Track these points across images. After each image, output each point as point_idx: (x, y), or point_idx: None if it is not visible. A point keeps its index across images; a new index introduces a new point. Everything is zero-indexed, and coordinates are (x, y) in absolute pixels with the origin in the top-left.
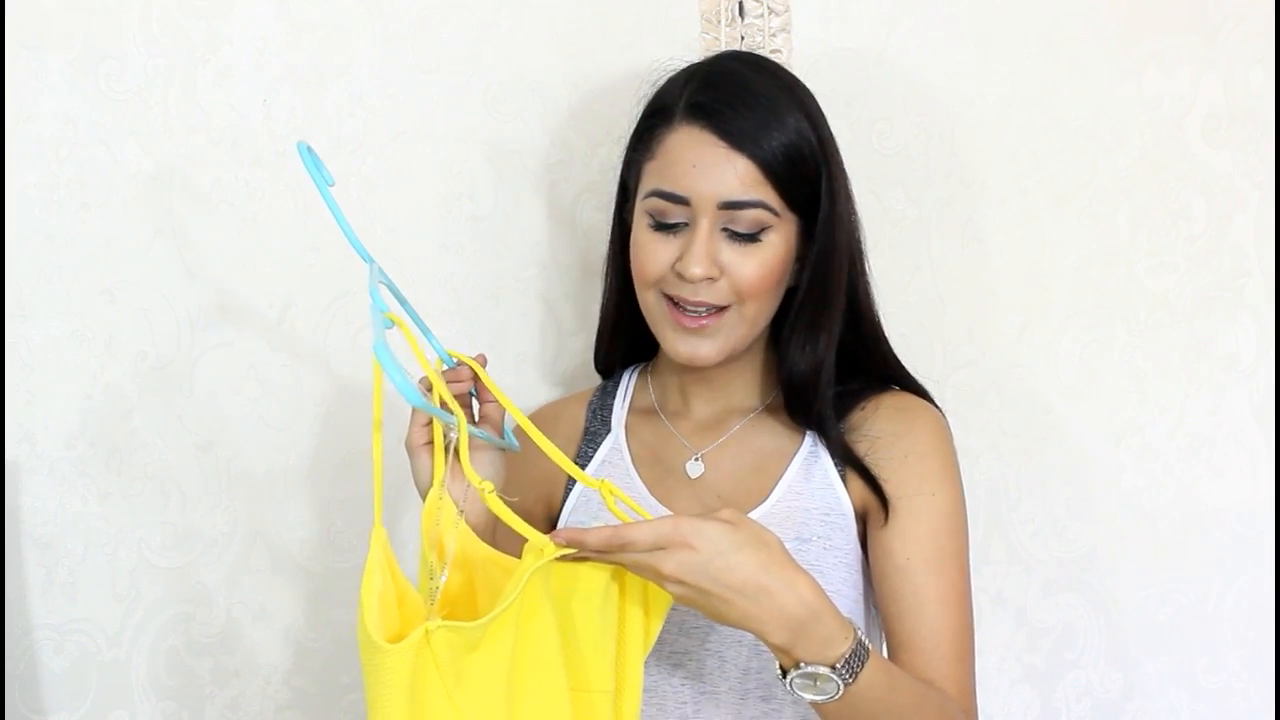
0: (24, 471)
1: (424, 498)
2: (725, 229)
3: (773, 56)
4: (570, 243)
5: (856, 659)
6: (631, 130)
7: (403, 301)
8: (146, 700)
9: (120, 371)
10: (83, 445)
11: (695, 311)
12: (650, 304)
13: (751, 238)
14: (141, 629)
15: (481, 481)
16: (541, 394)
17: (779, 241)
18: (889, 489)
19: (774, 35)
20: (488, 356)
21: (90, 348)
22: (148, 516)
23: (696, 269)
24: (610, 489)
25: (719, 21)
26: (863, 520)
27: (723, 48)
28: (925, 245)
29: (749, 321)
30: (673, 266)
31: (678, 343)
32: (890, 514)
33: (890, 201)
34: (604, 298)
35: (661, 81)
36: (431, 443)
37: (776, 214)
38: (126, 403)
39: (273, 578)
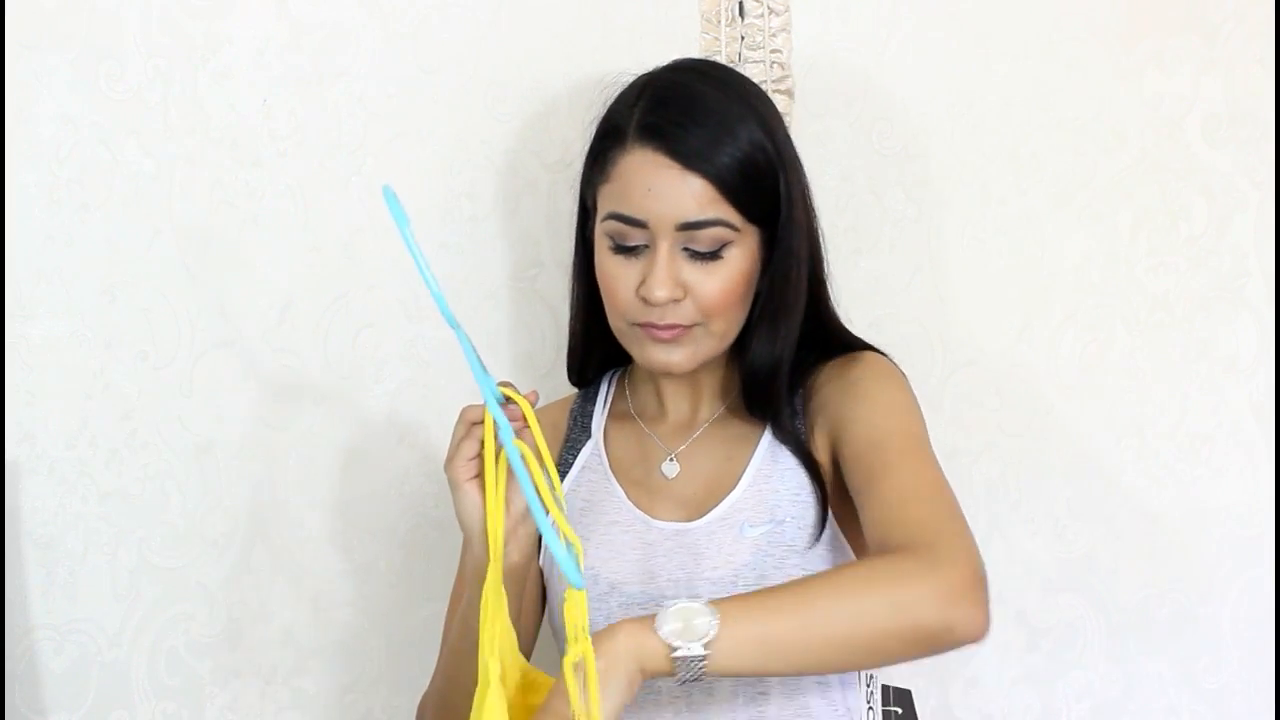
0: (24, 471)
1: (472, 533)
2: (686, 249)
3: (772, 56)
4: (570, 243)
5: (689, 601)
6: (587, 147)
7: (465, 342)
8: (146, 700)
9: (120, 371)
10: (83, 445)
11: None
12: (620, 327)
13: (713, 255)
14: (141, 629)
15: (576, 539)
16: (542, 394)
17: (741, 255)
18: (835, 419)
19: (774, 35)
20: (490, 358)
21: (90, 348)
22: (148, 516)
23: (660, 292)
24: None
25: (719, 21)
26: (838, 487)
27: (723, 48)
28: (925, 245)
29: (717, 336)
30: (637, 290)
31: (653, 358)
32: (841, 434)
33: (890, 201)
34: (571, 313)
35: (612, 98)
36: (479, 476)
37: (736, 229)
38: (126, 403)
39: (273, 578)
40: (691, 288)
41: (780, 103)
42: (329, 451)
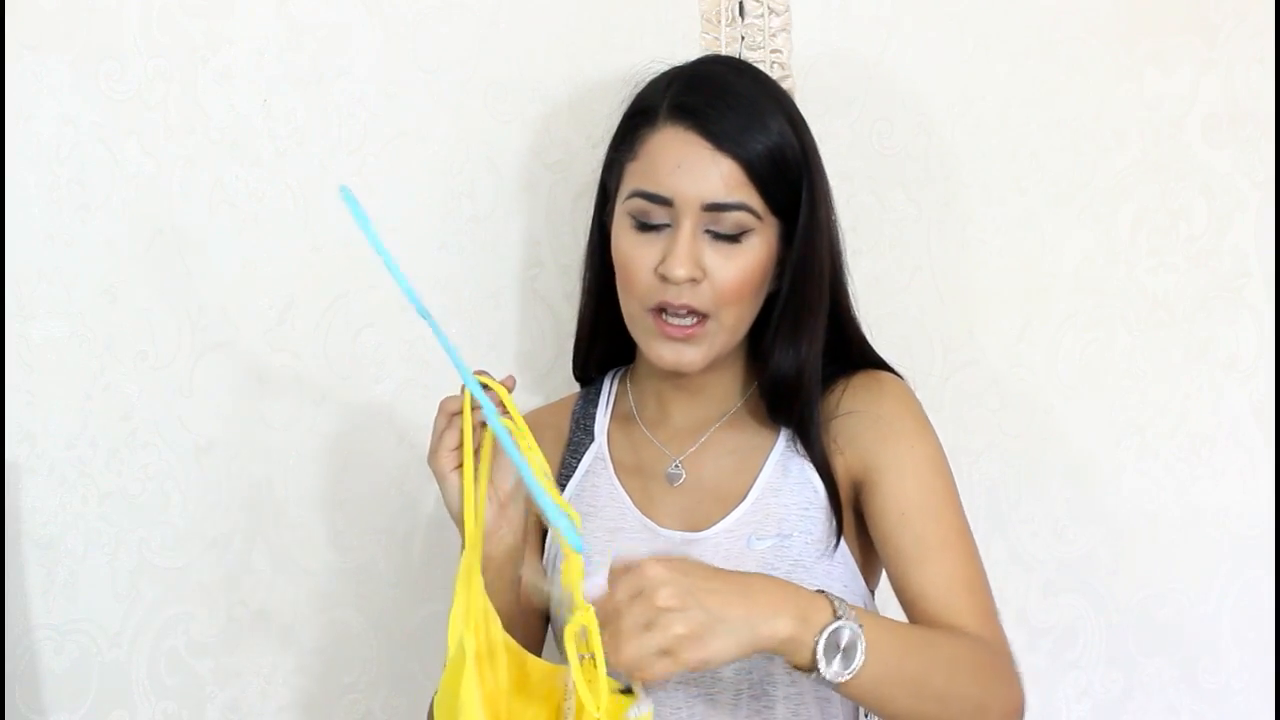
0: (24, 471)
1: (460, 523)
2: (708, 231)
3: (772, 56)
4: (570, 243)
5: (845, 606)
6: (613, 132)
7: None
8: (146, 700)
9: (120, 371)
10: (83, 445)
11: (679, 318)
12: (634, 312)
13: (733, 239)
14: (141, 629)
15: (572, 510)
16: (542, 394)
17: (760, 245)
18: (868, 454)
19: (774, 35)
20: (490, 358)
21: (90, 348)
22: (148, 516)
23: (680, 270)
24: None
25: (719, 21)
26: (853, 508)
27: (723, 48)
28: (925, 245)
29: (729, 329)
30: (656, 269)
31: (662, 350)
32: (874, 481)
33: (890, 201)
34: (582, 301)
35: (643, 84)
36: (462, 466)
37: (759, 217)
38: (126, 403)
39: (273, 578)
40: (710, 271)
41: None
42: (329, 451)
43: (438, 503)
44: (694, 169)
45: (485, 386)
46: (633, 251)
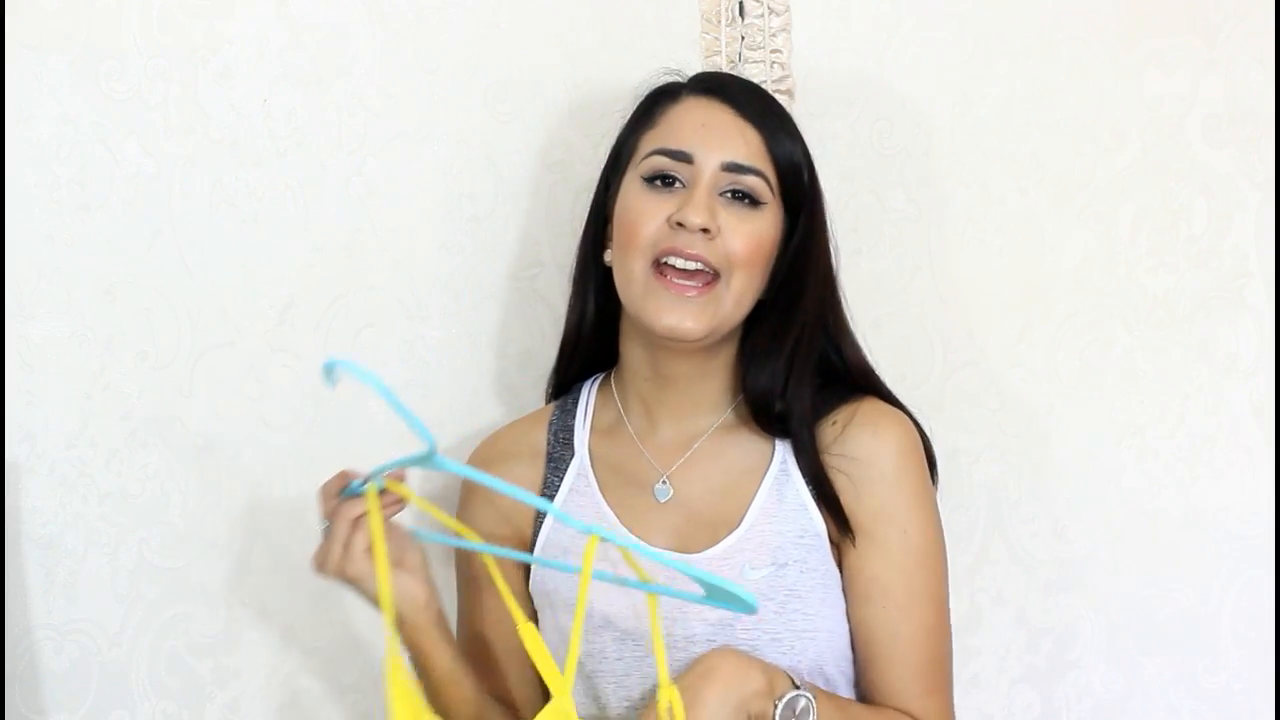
0: (24, 471)
1: (414, 612)
2: (723, 194)
3: (772, 56)
4: (570, 243)
5: (800, 680)
6: (614, 132)
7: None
8: (146, 700)
9: (120, 371)
10: (83, 445)
11: (686, 278)
12: (637, 274)
13: (748, 203)
14: (141, 629)
15: (526, 622)
16: (540, 394)
17: (770, 222)
18: (860, 516)
19: (774, 35)
20: (490, 358)
21: (90, 348)
22: (148, 516)
23: (696, 217)
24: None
25: (719, 21)
26: (835, 542)
27: (723, 48)
28: (925, 245)
29: (735, 296)
30: (669, 219)
31: (663, 314)
32: (862, 545)
33: (890, 201)
34: (570, 305)
35: (659, 82)
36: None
37: (772, 192)
38: (126, 403)
39: (273, 578)
40: (724, 231)
41: (780, 102)
42: (329, 451)
43: (437, 503)
44: (718, 130)
45: (385, 489)
46: (644, 206)
